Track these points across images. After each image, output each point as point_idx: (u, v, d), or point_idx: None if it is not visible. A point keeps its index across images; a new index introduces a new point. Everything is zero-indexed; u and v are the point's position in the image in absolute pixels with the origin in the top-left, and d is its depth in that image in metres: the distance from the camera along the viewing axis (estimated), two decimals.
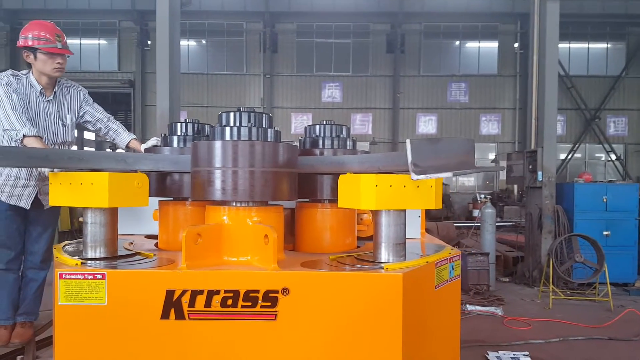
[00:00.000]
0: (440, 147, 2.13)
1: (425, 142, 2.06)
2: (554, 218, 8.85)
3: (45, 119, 3.67)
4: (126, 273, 2.08)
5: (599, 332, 6.23)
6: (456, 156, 2.15)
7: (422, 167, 1.96)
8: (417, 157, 1.97)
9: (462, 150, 2.20)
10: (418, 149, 1.99)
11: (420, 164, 1.96)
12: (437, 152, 2.08)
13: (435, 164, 2.02)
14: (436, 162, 2.03)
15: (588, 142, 23.60)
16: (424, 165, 1.97)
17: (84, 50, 23.25)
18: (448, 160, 2.10)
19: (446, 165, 2.06)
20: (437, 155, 2.07)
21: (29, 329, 3.77)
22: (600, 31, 23.15)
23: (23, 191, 3.63)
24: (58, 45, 3.57)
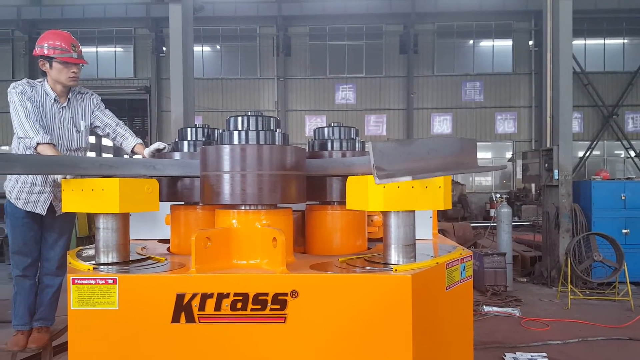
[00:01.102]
0: (414, 148, 2.04)
1: (394, 144, 1.99)
2: (571, 217, 8.74)
3: (60, 126, 3.72)
4: (137, 277, 2.10)
5: (619, 332, 6.13)
6: (443, 156, 2.07)
7: (387, 170, 1.89)
8: (381, 160, 1.90)
9: (452, 150, 2.12)
10: (382, 151, 1.91)
11: (386, 167, 1.89)
12: (410, 153, 2.00)
13: (405, 166, 1.94)
14: (407, 165, 1.95)
15: (606, 139, 23.29)
16: (391, 168, 1.90)
17: (100, 58, 23.57)
18: (427, 161, 2.02)
19: (421, 167, 1.98)
20: (410, 156, 1.99)
21: (45, 334, 3.81)
22: (616, 27, 22.86)
23: (39, 197, 3.68)
24: (74, 54, 3.62)
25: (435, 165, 2.02)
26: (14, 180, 3.67)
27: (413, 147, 2.02)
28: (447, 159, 2.08)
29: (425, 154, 2.03)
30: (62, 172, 2.44)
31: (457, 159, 2.11)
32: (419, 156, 2.01)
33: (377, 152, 1.89)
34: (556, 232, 8.83)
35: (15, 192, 3.67)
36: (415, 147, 2.03)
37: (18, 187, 3.66)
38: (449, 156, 2.09)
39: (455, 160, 2.10)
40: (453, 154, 2.11)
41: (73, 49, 3.63)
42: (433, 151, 2.05)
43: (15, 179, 3.67)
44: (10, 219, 3.75)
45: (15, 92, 3.53)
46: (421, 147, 2.04)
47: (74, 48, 3.64)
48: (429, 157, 2.03)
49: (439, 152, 2.08)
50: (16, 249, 3.76)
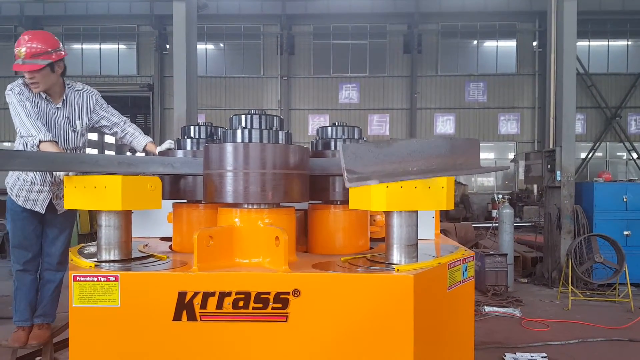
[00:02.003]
0: (393, 150, 1.97)
1: (369, 146, 1.92)
2: (573, 218, 8.73)
3: (56, 126, 3.70)
4: (138, 275, 2.11)
5: (619, 333, 6.13)
6: (427, 158, 2.00)
7: (359, 173, 1.83)
8: (353, 162, 1.84)
9: (439, 151, 2.05)
10: (355, 153, 1.85)
11: (359, 170, 1.84)
12: (388, 155, 1.93)
13: (382, 168, 1.88)
14: (384, 167, 1.89)
15: (609, 141, 23.25)
16: (364, 170, 1.84)
17: (103, 55, 23.61)
18: (407, 163, 1.95)
19: (401, 170, 1.92)
20: (387, 159, 1.92)
21: (46, 330, 3.82)
22: (620, 28, 22.81)
23: (38, 196, 3.70)
24: (18, 61, 3.46)
25: (418, 168, 1.95)
26: (14, 178, 3.68)
27: (392, 149, 1.95)
28: (432, 161, 2.00)
29: (406, 155, 1.96)
30: (82, 169, 2.46)
31: (446, 161, 2.04)
32: (399, 158, 1.94)
33: (349, 154, 1.84)
34: (558, 233, 8.82)
35: (16, 190, 3.68)
36: (394, 149, 1.96)
37: (18, 185, 3.67)
38: (434, 158, 2.02)
39: (443, 161, 2.03)
40: (440, 155, 2.04)
41: (19, 53, 3.45)
42: (415, 153, 1.98)
43: (16, 176, 3.68)
44: (10, 213, 3.77)
45: (12, 93, 3.52)
46: (401, 149, 1.97)
47: (20, 52, 3.45)
48: (411, 159, 1.96)
49: (422, 154, 2.00)
50: (16, 243, 3.77)
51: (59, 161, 2.53)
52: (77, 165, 2.51)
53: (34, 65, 3.45)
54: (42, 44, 3.51)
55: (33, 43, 3.48)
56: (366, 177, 1.82)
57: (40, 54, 3.48)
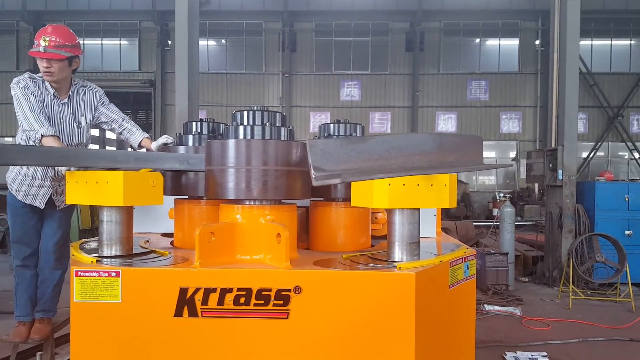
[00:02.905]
0: (369, 146, 1.87)
1: (340, 142, 1.84)
2: (574, 217, 8.72)
3: (60, 121, 3.71)
4: (140, 271, 2.10)
5: (620, 333, 6.13)
6: (409, 155, 1.91)
7: (328, 170, 1.75)
8: (321, 159, 1.75)
9: (422, 148, 1.95)
10: (324, 150, 1.76)
11: (327, 167, 1.75)
12: (362, 152, 1.84)
13: (355, 166, 1.80)
14: (358, 164, 1.81)
15: (611, 140, 23.24)
16: (334, 168, 1.76)
17: (105, 51, 23.60)
18: (385, 160, 1.86)
19: (377, 167, 1.84)
20: (361, 155, 1.83)
21: (47, 325, 3.82)
22: (623, 27, 22.76)
23: (38, 191, 3.70)
24: (40, 49, 3.50)
25: (398, 165, 1.87)
26: (15, 172, 3.69)
27: (367, 146, 1.86)
28: (414, 158, 1.91)
29: (384, 152, 1.87)
30: (101, 165, 2.49)
31: (432, 158, 1.96)
32: (376, 155, 1.85)
33: (317, 151, 1.75)
34: (559, 233, 8.81)
35: (16, 185, 3.68)
36: (369, 145, 1.86)
37: (19, 180, 3.67)
38: (417, 155, 1.92)
39: (428, 159, 1.94)
40: (425, 152, 1.94)
41: (43, 42, 3.50)
42: (395, 149, 1.87)
43: (17, 171, 3.68)
44: (11, 208, 3.77)
45: (18, 86, 3.53)
46: (378, 145, 1.88)
47: (45, 42, 3.50)
48: (389, 156, 1.86)
49: (403, 151, 1.90)
50: (16, 238, 3.78)
51: (76, 157, 2.56)
52: (96, 161, 2.54)
53: (56, 55, 3.54)
54: (66, 38, 3.59)
55: (57, 35, 3.55)
56: (335, 175, 1.75)
57: (63, 46, 3.57)
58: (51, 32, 3.55)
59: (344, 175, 1.75)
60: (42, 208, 3.74)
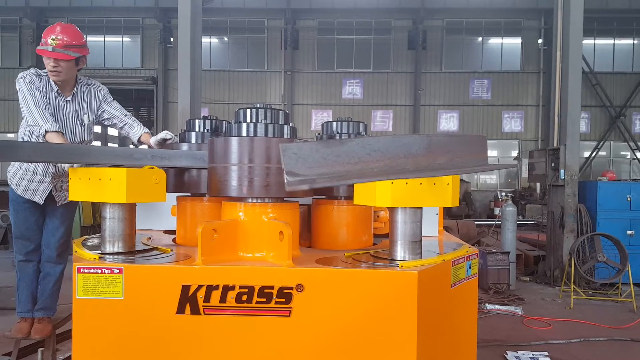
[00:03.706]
0: (347, 149, 1.77)
1: (317, 146, 1.75)
2: (576, 217, 8.71)
3: (64, 118, 3.72)
4: (143, 268, 2.10)
5: (621, 333, 6.12)
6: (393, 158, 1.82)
7: (301, 175, 1.68)
8: (295, 163, 1.67)
9: (408, 150, 1.85)
10: (297, 154, 1.68)
11: (302, 172, 1.68)
12: (340, 155, 1.75)
13: (329, 170, 1.72)
14: (336, 168, 1.73)
15: (613, 140, 23.20)
16: (309, 172, 1.69)
17: (107, 48, 23.60)
18: (366, 164, 1.77)
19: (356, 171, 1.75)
20: (340, 159, 1.74)
21: (48, 324, 3.82)
22: (626, 27, 22.71)
23: (38, 187, 3.70)
24: (48, 48, 3.51)
25: (380, 169, 1.77)
26: (16, 167, 3.70)
27: (345, 149, 1.76)
28: (399, 161, 1.82)
29: (365, 155, 1.78)
30: (117, 162, 2.52)
31: (419, 160, 1.86)
32: (355, 158, 1.76)
33: (290, 154, 1.67)
34: (560, 232, 8.81)
35: (17, 179, 3.69)
36: (348, 149, 1.77)
37: (19, 174, 3.67)
38: (401, 157, 1.83)
39: (415, 161, 1.85)
40: (411, 154, 1.85)
41: (52, 42, 3.50)
42: (377, 152, 1.79)
43: (18, 165, 3.69)
44: (13, 204, 3.78)
45: (23, 81, 3.53)
46: (358, 148, 1.79)
47: (53, 41, 3.51)
48: (370, 160, 1.78)
49: (386, 153, 1.81)
50: (19, 233, 3.78)
51: (92, 154, 2.58)
52: (112, 159, 2.56)
53: (65, 55, 3.55)
54: (74, 37, 3.59)
55: (66, 35, 3.56)
56: (311, 180, 1.67)
57: (72, 46, 3.57)
58: (60, 32, 3.55)
59: (319, 179, 1.69)
60: (42, 204, 3.75)
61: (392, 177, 1.84)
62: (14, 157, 2.61)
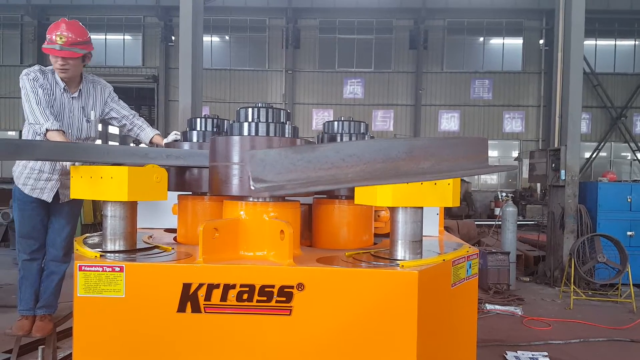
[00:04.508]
0: (320, 154, 1.71)
1: (286, 152, 1.70)
2: (576, 217, 8.72)
3: (70, 115, 3.74)
4: (144, 266, 2.11)
5: (621, 333, 6.13)
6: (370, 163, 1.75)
7: (269, 181, 1.63)
8: (262, 170, 1.62)
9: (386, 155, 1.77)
10: (265, 160, 1.63)
11: (267, 178, 1.63)
12: (312, 161, 1.70)
13: (299, 176, 1.68)
14: (303, 174, 1.68)
15: (614, 141, 23.20)
16: (275, 179, 1.64)
17: (109, 46, 23.59)
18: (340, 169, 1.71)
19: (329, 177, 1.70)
20: (311, 165, 1.70)
21: (49, 322, 3.83)
22: (628, 28, 22.71)
23: (46, 184, 3.71)
24: (56, 46, 3.52)
25: (355, 174, 1.72)
26: (22, 166, 3.69)
27: (317, 154, 1.71)
28: (376, 165, 1.76)
29: (339, 160, 1.72)
30: (132, 161, 2.55)
31: (399, 165, 1.80)
32: (328, 164, 1.71)
33: (257, 161, 1.62)
34: (561, 233, 8.81)
35: (23, 178, 3.69)
36: (320, 154, 1.71)
37: (26, 173, 3.68)
38: (380, 162, 1.76)
39: (394, 166, 1.79)
40: (390, 159, 1.78)
41: (59, 40, 3.52)
42: (352, 157, 1.73)
43: (23, 164, 3.69)
44: (18, 203, 3.78)
45: (27, 78, 3.54)
46: (331, 154, 1.73)
47: (60, 39, 3.52)
48: (344, 165, 1.72)
49: (362, 159, 1.75)
50: (24, 232, 3.78)
51: (110, 153, 2.62)
52: (128, 157, 2.60)
53: (73, 53, 3.57)
54: (80, 34, 3.61)
55: (72, 32, 3.57)
56: (279, 187, 1.64)
57: (79, 43, 3.59)
58: (66, 29, 3.55)
59: (288, 186, 1.64)
60: (50, 202, 3.76)
61: (367, 183, 1.80)
62: (32, 155, 2.64)
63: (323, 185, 1.68)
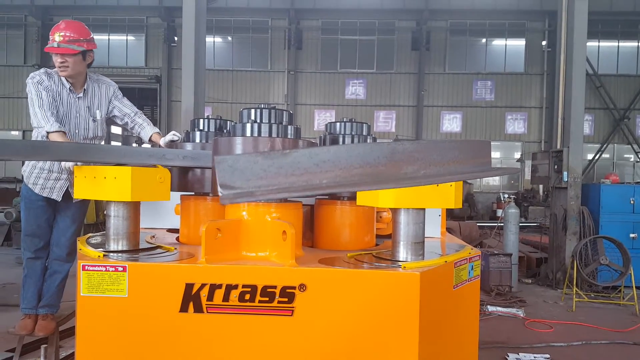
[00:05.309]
0: (292, 160, 1.66)
1: (253, 158, 1.65)
2: (579, 219, 8.71)
3: (77, 115, 3.77)
4: (146, 266, 2.11)
5: (623, 336, 6.12)
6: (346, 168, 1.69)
7: (237, 188, 1.59)
8: (231, 176, 1.59)
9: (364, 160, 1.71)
10: (233, 167, 1.59)
11: (236, 185, 1.59)
12: (284, 167, 1.65)
13: (270, 182, 1.63)
14: (274, 181, 1.64)
15: (616, 143, 23.15)
16: (244, 185, 1.60)
17: (112, 46, 23.64)
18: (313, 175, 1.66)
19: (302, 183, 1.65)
20: (283, 171, 1.65)
21: (52, 321, 3.84)
22: (631, 29, 22.66)
23: (55, 184, 3.74)
24: (54, 44, 3.57)
25: (330, 180, 1.67)
26: (31, 166, 3.73)
27: (289, 160, 1.66)
28: (353, 171, 1.70)
29: (312, 166, 1.67)
30: (150, 162, 2.59)
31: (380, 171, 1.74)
32: (301, 170, 1.67)
33: (225, 167, 1.58)
34: (563, 234, 8.80)
35: (33, 178, 3.72)
36: (292, 160, 1.67)
37: (35, 173, 3.71)
38: (357, 167, 1.70)
39: (374, 172, 1.73)
40: (369, 164, 1.72)
41: (57, 38, 3.57)
42: (326, 163, 1.68)
43: (32, 164, 3.71)
44: (25, 201, 3.80)
45: (31, 82, 3.59)
46: (304, 159, 1.68)
47: (59, 37, 3.57)
48: (318, 171, 1.67)
49: (337, 164, 1.69)
50: (29, 231, 3.80)
51: (127, 154, 2.66)
52: (145, 159, 2.62)
53: (69, 50, 3.60)
54: (78, 33, 3.65)
55: (70, 30, 3.62)
56: (248, 194, 1.60)
57: (77, 40, 3.63)
58: (64, 28, 3.61)
59: (258, 192, 1.60)
60: (59, 200, 3.78)
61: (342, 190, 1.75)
62: (51, 156, 2.72)
63: (295, 191, 1.64)
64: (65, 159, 3.09)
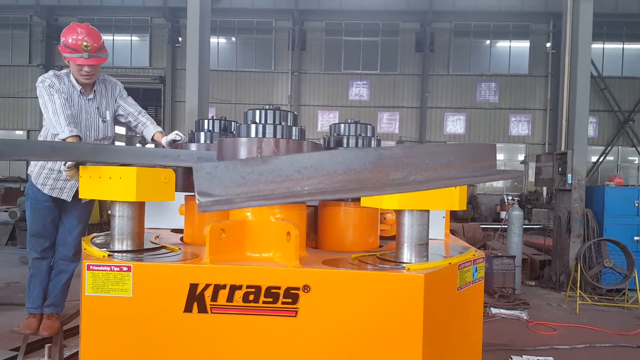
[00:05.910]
0: (272, 167, 1.64)
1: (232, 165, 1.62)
2: (583, 222, 8.69)
3: (87, 117, 3.79)
4: (151, 266, 2.12)
5: (627, 339, 6.10)
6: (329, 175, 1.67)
7: (216, 196, 1.56)
8: (208, 184, 1.56)
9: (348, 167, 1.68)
10: (212, 174, 1.57)
11: (214, 192, 1.56)
12: (264, 174, 1.63)
13: (250, 189, 1.61)
14: (254, 188, 1.62)
15: (621, 145, 23.09)
16: (223, 193, 1.57)
17: (116, 47, 23.69)
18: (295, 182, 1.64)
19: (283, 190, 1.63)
20: (263, 178, 1.62)
21: (56, 320, 3.86)
22: (636, 31, 22.59)
23: (65, 184, 3.76)
24: (84, 55, 3.57)
25: (313, 187, 1.66)
26: (39, 167, 3.74)
27: (269, 167, 1.64)
28: (337, 178, 1.68)
29: (294, 173, 1.66)
30: (164, 163, 2.66)
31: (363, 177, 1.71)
32: (282, 176, 1.65)
33: (203, 174, 1.56)
34: (567, 237, 8.78)
35: (42, 178, 3.73)
36: (273, 166, 1.65)
37: (45, 173, 3.72)
38: (341, 174, 1.68)
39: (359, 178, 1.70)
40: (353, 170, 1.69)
41: (85, 49, 3.56)
42: (308, 169, 1.66)
43: (41, 165, 3.72)
44: (31, 201, 3.81)
45: (42, 86, 3.58)
46: (285, 166, 1.66)
47: (86, 47, 3.57)
48: (299, 178, 1.66)
49: (320, 170, 1.67)
50: (35, 231, 3.82)
51: (144, 155, 2.71)
52: (159, 159, 2.66)
53: (100, 59, 3.65)
54: (100, 39, 3.68)
55: (93, 38, 3.61)
56: (227, 201, 1.57)
57: (101, 47, 3.67)
58: (87, 34, 3.59)
59: (237, 200, 1.58)
60: (69, 201, 3.79)
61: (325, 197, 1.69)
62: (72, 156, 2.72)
63: (275, 199, 1.62)
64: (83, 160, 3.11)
